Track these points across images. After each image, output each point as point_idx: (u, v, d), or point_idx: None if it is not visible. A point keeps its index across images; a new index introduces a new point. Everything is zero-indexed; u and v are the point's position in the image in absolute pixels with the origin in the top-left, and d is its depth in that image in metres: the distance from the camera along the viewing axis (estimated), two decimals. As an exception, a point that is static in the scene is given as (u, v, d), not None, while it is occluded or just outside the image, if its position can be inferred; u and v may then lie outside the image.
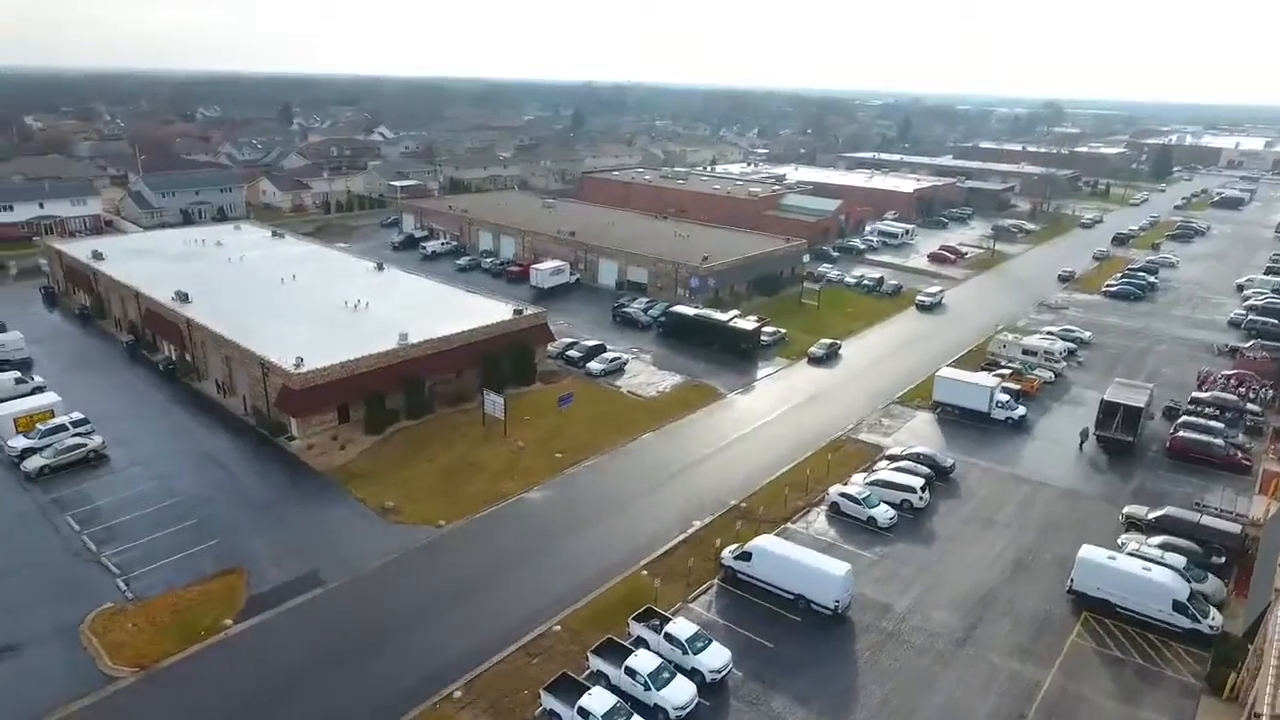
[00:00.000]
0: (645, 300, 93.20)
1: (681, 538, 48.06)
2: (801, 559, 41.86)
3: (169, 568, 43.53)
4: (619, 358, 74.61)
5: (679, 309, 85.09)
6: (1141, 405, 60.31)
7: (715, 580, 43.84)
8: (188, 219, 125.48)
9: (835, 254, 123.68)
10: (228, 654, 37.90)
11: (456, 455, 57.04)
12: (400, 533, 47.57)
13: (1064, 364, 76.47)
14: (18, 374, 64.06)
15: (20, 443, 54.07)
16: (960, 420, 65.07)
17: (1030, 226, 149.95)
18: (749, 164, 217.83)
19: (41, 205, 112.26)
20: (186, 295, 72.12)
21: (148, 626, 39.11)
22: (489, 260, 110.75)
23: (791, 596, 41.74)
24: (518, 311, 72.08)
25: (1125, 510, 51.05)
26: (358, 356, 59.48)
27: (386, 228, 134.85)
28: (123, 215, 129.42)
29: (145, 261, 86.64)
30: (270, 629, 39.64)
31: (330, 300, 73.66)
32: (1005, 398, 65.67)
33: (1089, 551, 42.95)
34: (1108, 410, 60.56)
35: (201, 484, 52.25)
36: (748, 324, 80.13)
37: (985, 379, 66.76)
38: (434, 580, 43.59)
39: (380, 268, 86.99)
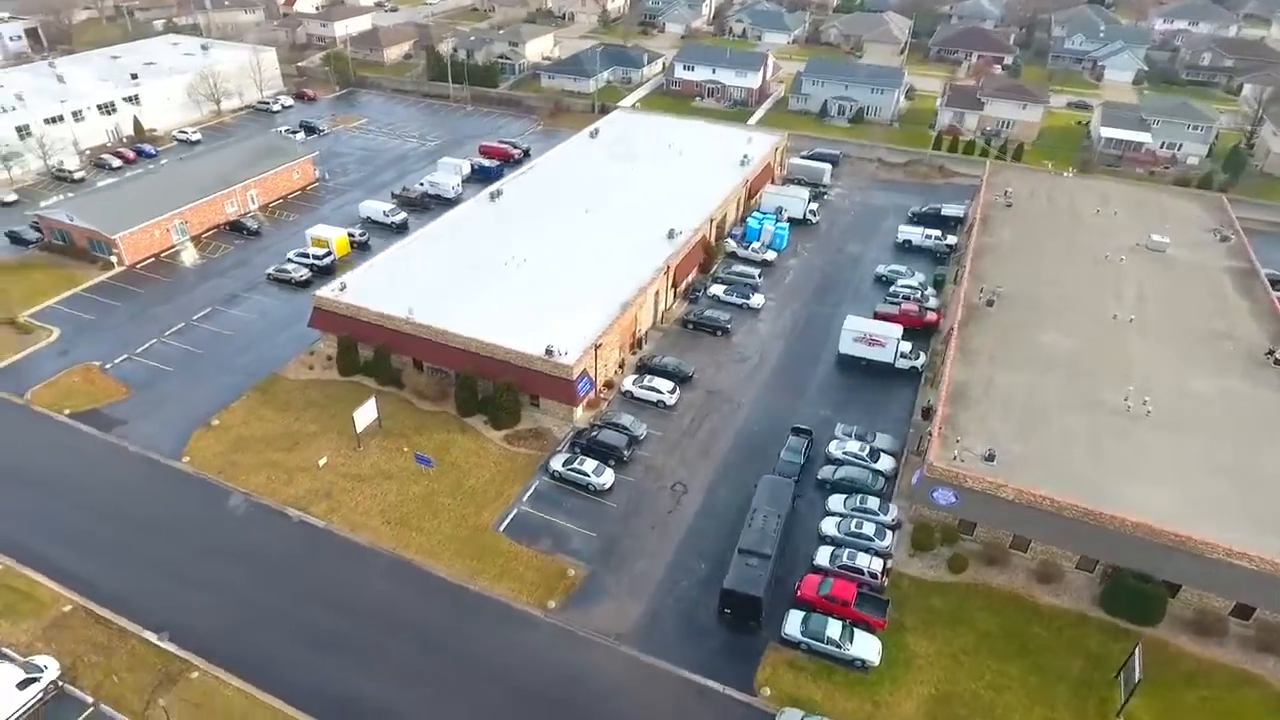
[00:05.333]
0: (860, 443, 59.23)
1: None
2: None
3: (135, 356, 67.89)
4: (603, 473, 55.94)
5: (775, 481, 53.35)
6: None
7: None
8: (823, 113, 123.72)
9: None
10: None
11: (314, 429, 60.72)
12: (170, 443, 58.95)
13: None
14: (391, 205, 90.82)
15: (295, 255, 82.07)
16: None
17: None
18: None
19: (714, 71, 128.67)
20: (498, 193, 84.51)
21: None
22: (905, 285, 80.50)
23: None
24: (548, 351, 60.70)
25: None
26: (363, 306, 65.45)
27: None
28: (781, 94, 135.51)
29: (605, 149, 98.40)
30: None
31: (514, 249, 74.59)
32: None
33: None
34: None
35: (259, 333, 72.01)
36: (744, 584, 46.23)
37: None
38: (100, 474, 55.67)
39: (671, 235, 78.28)
